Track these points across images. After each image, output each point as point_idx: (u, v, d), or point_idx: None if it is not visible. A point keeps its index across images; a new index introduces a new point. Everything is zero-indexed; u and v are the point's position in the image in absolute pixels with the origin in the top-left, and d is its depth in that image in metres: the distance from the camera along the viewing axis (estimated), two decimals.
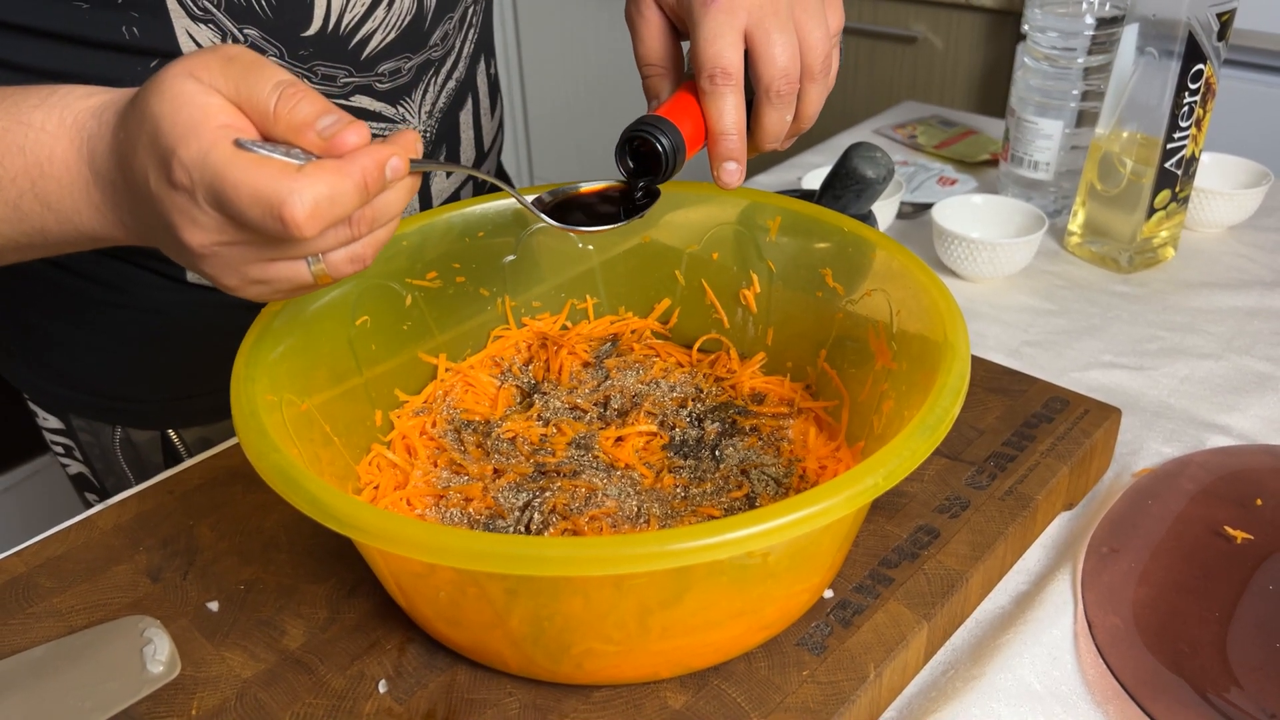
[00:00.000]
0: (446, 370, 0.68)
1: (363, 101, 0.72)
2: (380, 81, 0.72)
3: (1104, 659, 0.55)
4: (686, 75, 0.60)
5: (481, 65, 0.85)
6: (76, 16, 0.61)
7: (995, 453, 0.65)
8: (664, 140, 0.55)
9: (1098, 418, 0.68)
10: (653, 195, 0.59)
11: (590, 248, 0.72)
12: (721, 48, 0.55)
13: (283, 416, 0.52)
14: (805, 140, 1.33)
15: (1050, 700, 0.54)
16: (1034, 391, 0.70)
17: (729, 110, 0.56)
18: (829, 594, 0.55)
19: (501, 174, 1.01)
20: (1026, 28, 1.00)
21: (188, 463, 0.69)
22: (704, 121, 0.57)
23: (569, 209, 0.58)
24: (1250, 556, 0.61)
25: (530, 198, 0.57)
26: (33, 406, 0.85)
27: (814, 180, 1.03)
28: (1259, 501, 0.65)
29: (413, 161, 0.45)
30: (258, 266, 0.45)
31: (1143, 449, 0.73)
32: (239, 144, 0.41)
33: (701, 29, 0.55)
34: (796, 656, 0.52)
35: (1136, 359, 0.84)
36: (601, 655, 0.49)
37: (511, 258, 0.69)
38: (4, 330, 0.81)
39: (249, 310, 0.54)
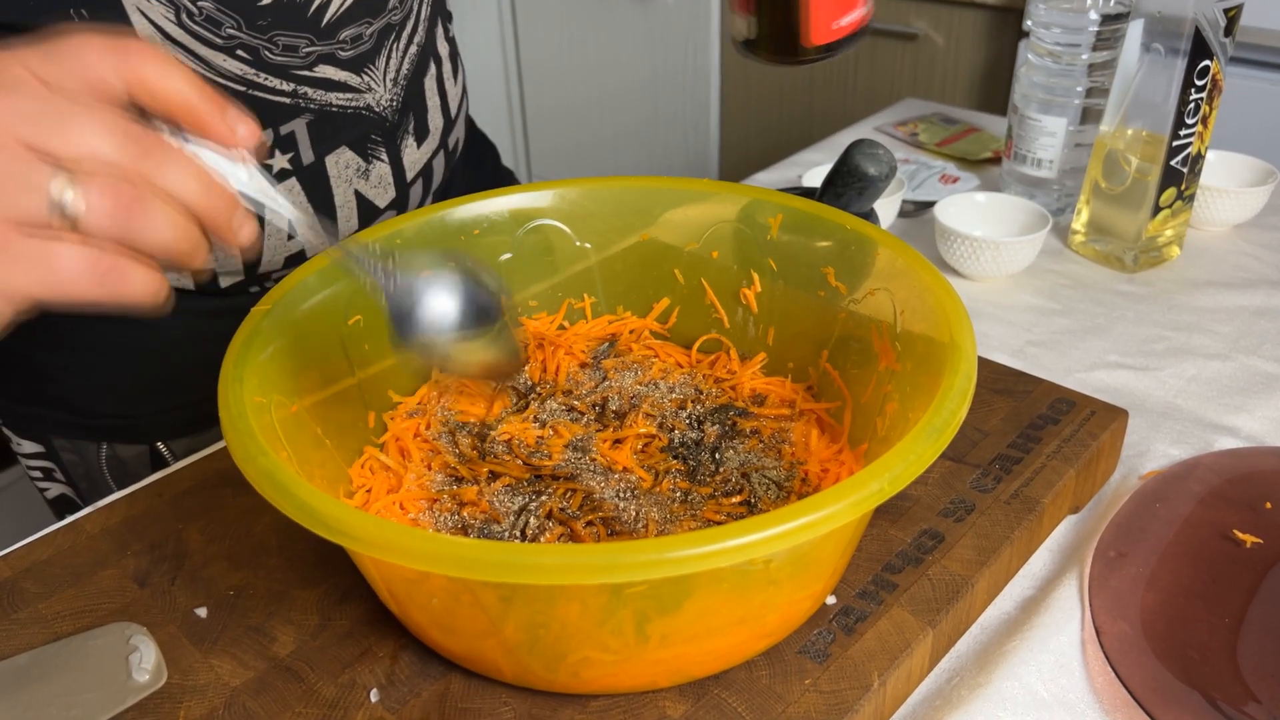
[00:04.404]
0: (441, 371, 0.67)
1: (327, 71, 0.71)
2: (343, 49, 0.71)
3: (1112, 666, 0.53)
4: None
5: (440, 30, 0.83)
6: (18, 1, 0.59)
7: (1000, 455, 0.64)
8: None
9: (1104, 419, 0.66)
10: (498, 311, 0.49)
11: (588, 245, 0.70)
12: None
13: (272, 419, 0.50)
14: (806, 137, 1.32)
15: (1058, 708, 0.53)
16: (1039, 393, 0.69)
17: None
18: (831, 600, 0.54)
19: (482, 141, 0.99)
20: (1029, 24, 0.99)
21: (176, 466, 0.67)
22: None
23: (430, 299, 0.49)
24: (1260, 561, 0.60)
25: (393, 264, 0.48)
26: (6, 432, 0.82)
27: (815, 178, 1.02)
28: (1268, 505, 0.64)
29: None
30: None
31: (1149, 451, 0.72)
32: None
33: None
34: (798, 665, 0.51)
35: (1142, 359, 0.83)
36: (598, 664, 0.48)
37: (508, 256, 0.68)
38: None
39: (233, 316, 0.53)
